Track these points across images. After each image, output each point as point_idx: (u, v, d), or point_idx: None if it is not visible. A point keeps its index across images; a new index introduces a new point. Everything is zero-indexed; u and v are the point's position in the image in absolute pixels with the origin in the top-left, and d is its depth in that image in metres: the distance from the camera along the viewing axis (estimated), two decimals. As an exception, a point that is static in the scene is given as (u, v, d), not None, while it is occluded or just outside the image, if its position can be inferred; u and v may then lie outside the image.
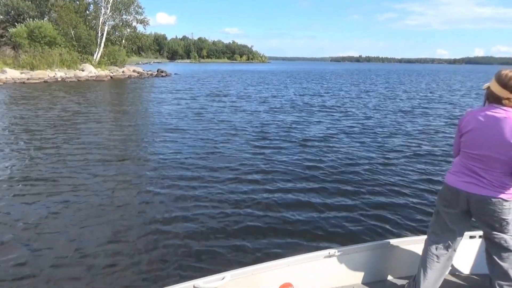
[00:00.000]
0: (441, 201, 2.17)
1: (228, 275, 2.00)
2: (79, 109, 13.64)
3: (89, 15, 37.63)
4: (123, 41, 40.23)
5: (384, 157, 7.29)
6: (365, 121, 11.81)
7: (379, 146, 8.29)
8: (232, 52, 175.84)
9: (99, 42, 36.11)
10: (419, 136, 9.50)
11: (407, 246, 2.47)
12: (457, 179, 2.07)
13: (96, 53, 35.75)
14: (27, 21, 32.47)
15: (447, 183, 2.13)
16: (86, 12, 37.59)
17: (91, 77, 30.00)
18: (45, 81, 25.83)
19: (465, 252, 2.47)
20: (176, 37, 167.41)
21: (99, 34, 36.28)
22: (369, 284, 2.39)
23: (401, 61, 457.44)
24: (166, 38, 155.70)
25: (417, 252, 2.37)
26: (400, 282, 2.41)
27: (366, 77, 45.04)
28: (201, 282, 1.93)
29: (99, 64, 34.82)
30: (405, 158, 7.30)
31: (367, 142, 8.65)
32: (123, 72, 35.51)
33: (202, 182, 5.67)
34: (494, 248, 2.06)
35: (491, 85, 1.98)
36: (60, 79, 27.36)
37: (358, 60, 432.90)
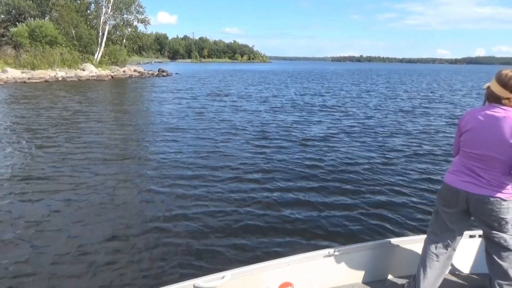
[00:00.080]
0: (440, 201, 2.17)
1: (228, 274, 2.00)
2: (80, 108, 13.65)
3: (90, 14, 37.69)
4: (124, 40, 40.25)
5: (384, 157, 7.28)
6: (365, 120, 11.80)
7: (379, 145, 8.28)
8: (233, 51, 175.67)
9: (100, 42, 36.15)
10: (419, 135, 9.49)
11: (407, 246, 2.46)
12: (456, 178, 2.07)
13: (97, 52, 35.78)
14: (28, 20, 32.48)
15: (446, 182, 2.13)
16: (87, 11, 37.67)
17: (92, 76, 30.03)
18: (46, 81, 25.85)
19: (465, 252, 2.47)
20: (177, 36, 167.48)
21: (100, 33, 36.32)
22: (369, 284, 2.39)
23: (402, 61, 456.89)
24: (167, 38, 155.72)
25: (417, 252, 2.37)
26: (400, 281, 2.41)
27: (367, 77, 45.01)
28: (201, 281, 1.93)
29: (100, 64, 34.85)
30: (405, 157, 7.29)
31: (367, 142, 8.64)
32: (124, 71, 35.52)
33: (202, 181, 5.68)
34: (493, 248, 2.06)
35: (491, 85, 1.98)
36: (61, 78, 27.38)
37: (359, 60, 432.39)
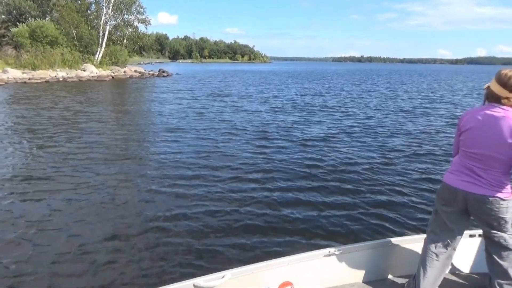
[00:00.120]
0: (440, 200, 2.18)
1: (228, 273, 2.00)
2: (81, 108, 13.67)
3: (90, 14, 37.70)
4: (124, 41, 40.25)
5: (384, 157, 7.28)
6: (366, 121, 11.80)
7: (379, 145, 8.28)
8: (233, 52, 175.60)
9: (100, 42, 36.17)
10: (420, 136, 9.49)
11: (407, 245, 2.46)
12: (456, 178, 2.07)
13: (98, 53, 35.79)
14: (29, 20, 32.49)
15: (445, 182, 2.13)
16: (88, 11, 37.68)
17: (92, 77, 30.04)
18: (46, 81, 25.86)
19: (465, 251, 2.47)
20: (178, 37, 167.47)
21: (101, 33, 36.34)
22: (369, 283, 2.38)
23: (403, 61, 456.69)
24: (167, 38, 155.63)
25: (417, 251, 2.37)
26: (400, 281, 2.41)
27: (367, 77, 44.99)
28: (201, 280, 1.93)
29: (100, 64, 34.86)
30: (405, 157, 7.29)
31: (368, 142, 8.64)
32: (124, 72, 35.52)
33: (202, 181, 5.69)
34: (493, 247, 2.07)
35: (491, 85, 1.98)
36: (61, 79, 27.39)
37: (360, 60, 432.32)
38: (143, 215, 4.50)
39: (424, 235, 2.31)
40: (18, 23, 32.56)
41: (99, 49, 35.94)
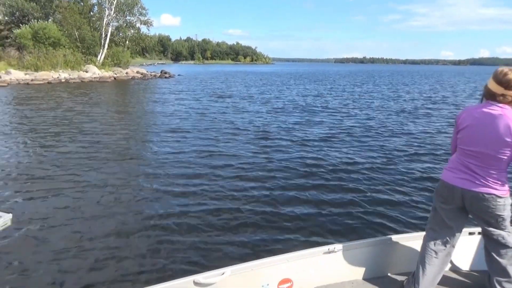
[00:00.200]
0: (438, 198, 2.18)
1: (228, 270, 2.01)
2: (83, 109, 13.73)
3: (93, 16, 37.88)
4: (127, 42, 40.42)
5: (385, 157, 7.29)
6: (367, 121, 11.79)
7: (380, 145, 8.28)
8: (236, 53, 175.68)
9: (103, 43, 36.33)
10: (421, 136, 9.48)
11: (407, 243, 2.47)
12: (453, 175, 2.08)
13: (100, 54, 35.95)
14: (32, 22, 32.71)
15: (443, 179, 2.14)
16: (90, 13, 37.86)
17: (94, 78, 30.15)
18: (49, 82, 25.99)
19: (464, 249, 2.47)
20: (180, 38, 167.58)
21: (103, 35, 36.52)
22: (369, 280, 2.39)
23: (405, 62, 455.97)
24: (170, 39, 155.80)
25: (416, 249, 2.37)
26: (399, 278, 2.41)
27: (369, 78, 44.92)
28: (201, 277, 1.94)
29: (103, 65, 35.00)
30: (406, 157, 7.29)
31: (368, 142, 8.64)
32: (126, 73, 35.64)
33: (203, 180, 5.71)
34: (492, 245, 2.07)
35: (488, 83, 1.99)
36: (64, 80, 27.52)
37: (362, 61, 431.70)
38: (144, 213, 4.52)
39: (424, 233, 2.32)
40: (21, 25, 32.78)
41: (101, 50, 36.10)
